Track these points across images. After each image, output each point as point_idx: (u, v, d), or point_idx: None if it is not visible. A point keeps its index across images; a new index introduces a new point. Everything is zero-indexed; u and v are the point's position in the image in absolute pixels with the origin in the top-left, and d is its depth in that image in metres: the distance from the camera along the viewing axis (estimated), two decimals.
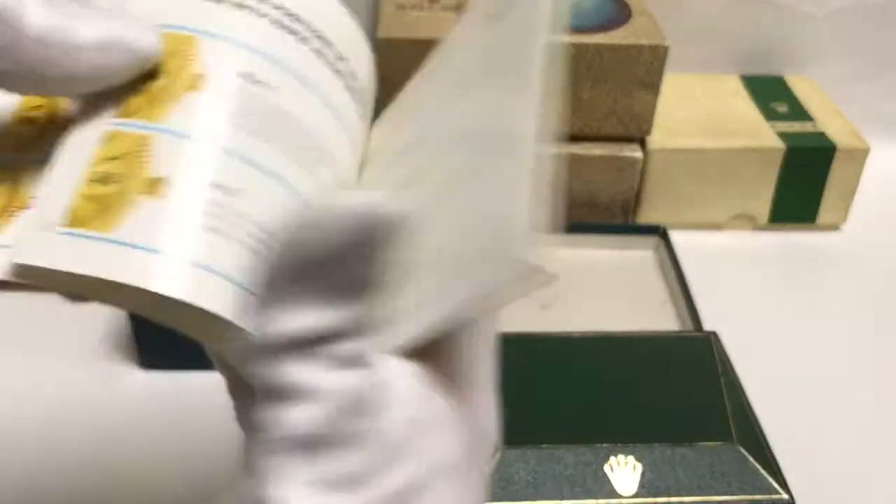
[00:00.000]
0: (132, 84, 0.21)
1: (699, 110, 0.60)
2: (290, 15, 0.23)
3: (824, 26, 0.64)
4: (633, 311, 0.51)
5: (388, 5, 0.55)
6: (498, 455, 0.36)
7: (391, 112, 0.28)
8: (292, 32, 0.23)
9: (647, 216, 0.58)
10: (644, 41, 0.52)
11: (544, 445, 0.36)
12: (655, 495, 0.36)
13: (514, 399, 0.39)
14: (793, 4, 0.64)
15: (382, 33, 0.52)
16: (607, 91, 0.53)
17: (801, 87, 0.64)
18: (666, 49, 0.52)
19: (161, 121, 0.21)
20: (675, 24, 0.55)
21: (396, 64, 0.52)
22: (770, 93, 0.62)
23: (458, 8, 0.55)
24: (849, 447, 0.44)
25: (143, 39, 0.21)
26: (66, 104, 0.23)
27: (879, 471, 0.43)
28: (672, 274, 0.52)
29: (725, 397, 0.39)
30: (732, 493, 0.36)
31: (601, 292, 0.52)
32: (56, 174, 0.21)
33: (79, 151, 0.21)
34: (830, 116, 0.60)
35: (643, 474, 0.36)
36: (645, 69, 0.52)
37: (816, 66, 0.66)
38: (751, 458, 0.37)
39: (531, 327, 0.47)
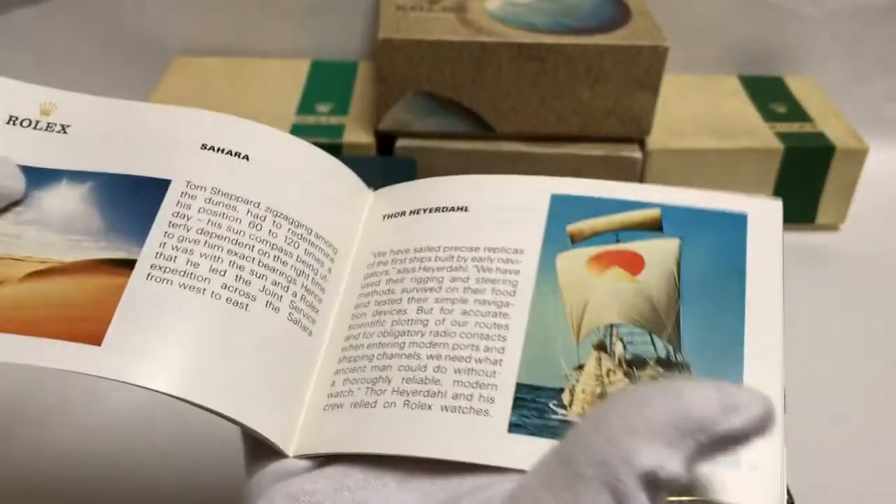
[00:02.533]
0: None
1: (698, 111, 0.60)
2: None
3: (823, 27, 0.64)
4: None
5: (388, 6, 0.55)
6: None
7: None
8: None
9: None
10: (644, 42, 0.52)
11: None
12: None
13: None
14: (792, 5, 0.64)
15: (383, 34, 0.52)
16: (607, 91, 0.53)
17: (800, 87, 0.64)
18: (665, 50, 0.52)
19: None
20: (674, 24, 0.55)
21: (397, 65, 0.53)
22: (769, 93, 0.63)
23: (459, 9, 0.55)
24: (848, 447, 0.44)
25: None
26: None
27: (879, 471, 0.43)
28: None
29: None
30: None
31: None
32: None
33: None
34: (829, 117, 0.60)
35: None
36: (644, 70, 0.52)
37: (815, 67, 0.66)
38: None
39: None
